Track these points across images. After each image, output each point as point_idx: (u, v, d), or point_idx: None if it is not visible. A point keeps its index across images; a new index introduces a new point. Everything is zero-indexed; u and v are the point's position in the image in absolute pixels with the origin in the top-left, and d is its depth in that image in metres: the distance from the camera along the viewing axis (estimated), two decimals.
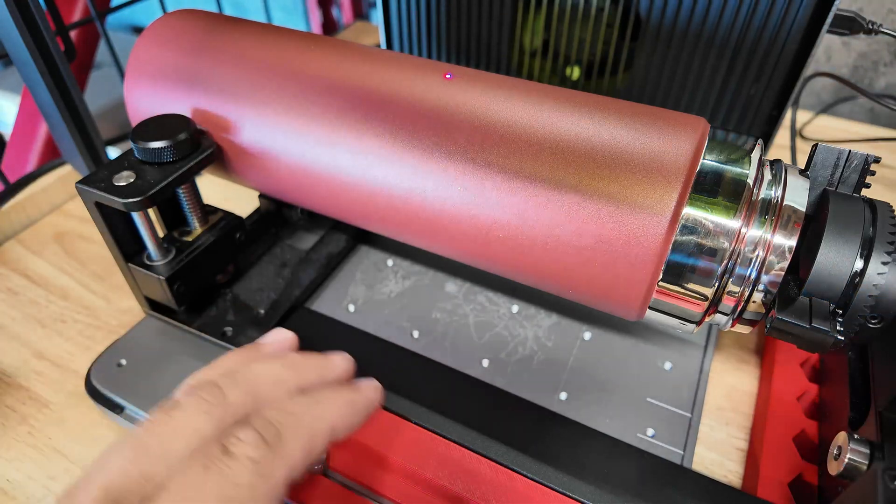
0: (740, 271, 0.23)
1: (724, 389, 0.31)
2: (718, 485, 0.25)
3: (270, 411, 0.21)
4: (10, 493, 0.28)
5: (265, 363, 0.24)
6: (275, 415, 0.21)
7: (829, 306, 0.22)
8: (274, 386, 0.23)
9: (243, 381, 0.22)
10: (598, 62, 0.38)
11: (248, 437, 0.19)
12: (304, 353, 0.26)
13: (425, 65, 0.29)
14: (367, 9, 0.77)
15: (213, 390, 0.21)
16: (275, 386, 0.23)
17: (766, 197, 0.23)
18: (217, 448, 0.19)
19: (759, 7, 0.32)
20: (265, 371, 0.23)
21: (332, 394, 0.23)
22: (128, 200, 0.26)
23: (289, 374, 0.23)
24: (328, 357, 0.26)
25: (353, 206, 0.29)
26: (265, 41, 0.31)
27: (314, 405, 0.22)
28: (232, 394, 0.21)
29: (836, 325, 0.21)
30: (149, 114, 0.31)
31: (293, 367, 0.24)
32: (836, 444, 0.22)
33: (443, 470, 0.25)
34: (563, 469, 0.25)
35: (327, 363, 0.25)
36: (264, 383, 0.22)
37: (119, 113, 0.56)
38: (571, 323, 0.33)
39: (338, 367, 0.26)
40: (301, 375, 0.24)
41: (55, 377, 0.32)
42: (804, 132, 0.52)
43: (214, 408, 0.20)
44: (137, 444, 0.19)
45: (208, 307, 0.33)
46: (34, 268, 0.39)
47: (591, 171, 0.24)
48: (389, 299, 0.34)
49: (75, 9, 0.58)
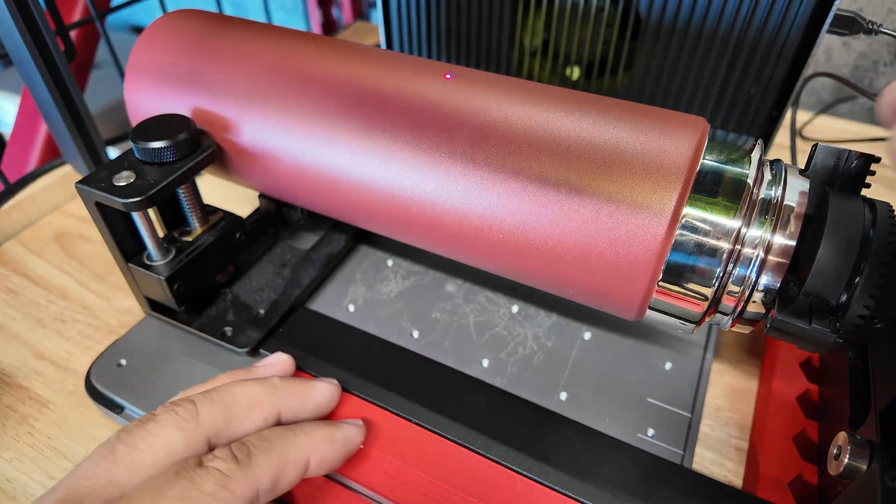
0: (740, 271, 0.23)
1: (724, 389, 0.31)
2: (718, 485, 0.25)
3: (253, 438, 0.22)
4: (9, 492, 0.28)
5: (245, 385, 0.24)
6: (251, 438, 0.21)
7: (829, 306, 0.22)
8: (249, 407, 0.23)
9: (218, 401, 0.23)
10: (598, 62, 0.38)
11: (221, 453, 0.20)
12: (289, 379, 0.26)
13: (425, 65, 0.29)
14: (367, 9, 0.77)
15: (188, 406, 0.22)
16: (249, 407, 0.23)
17: (766, 197, 0.23)
18: (193, 461, 0.20)
19: (758, 7, 0.32)
20: (242, 392, 0.24)
21: (311, 427, 0.23)
22: (128, 200, 0.26)
23: (266, 397, 0.24)
24: (311, 383, 0.26)
25: (353, 206, 0.29)
26: (265, 41, 0.31)
27: (291, 435, 0.22)
28: (205, 411, 0.22)
29: (836, 325, 0.21)
30: (149, 114, 0.31)
31: (272, 391, 0.24)
32: (836, 444, 0.22)
33: (442, 470, 0.25)
34: (563, 469, 0.25)
35: (308, 390, 0.26)
36: (239, 404, 0.23)
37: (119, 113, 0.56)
38: (571, 323, 0.33)
39: (319, 393, 0.26)
40: (280, 400, 0.24)
41: (55, 377, 0.32)
42: (804, 132, 0.52)
43: (186, 423, 0.21)
44: (107, 451, 0.20)
45: (208, 307, 0.33)
46: (34, 268, 0.39)
47: (590, 171, 0.24)
48: (389, 299, 0.34)
49: (75, 9, 0.58)
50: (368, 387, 0.29)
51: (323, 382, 0.27)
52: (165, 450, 0.20)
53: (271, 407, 0.24)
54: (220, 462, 0.20)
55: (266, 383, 0.24)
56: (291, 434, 0.22)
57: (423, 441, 0.26)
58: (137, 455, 0.20)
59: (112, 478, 0.19)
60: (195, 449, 0.21)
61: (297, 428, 0.23)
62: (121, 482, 0.19)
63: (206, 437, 0.21)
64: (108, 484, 0.19)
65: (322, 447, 0.23)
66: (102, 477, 0.19)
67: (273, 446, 0.21)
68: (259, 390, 0.24)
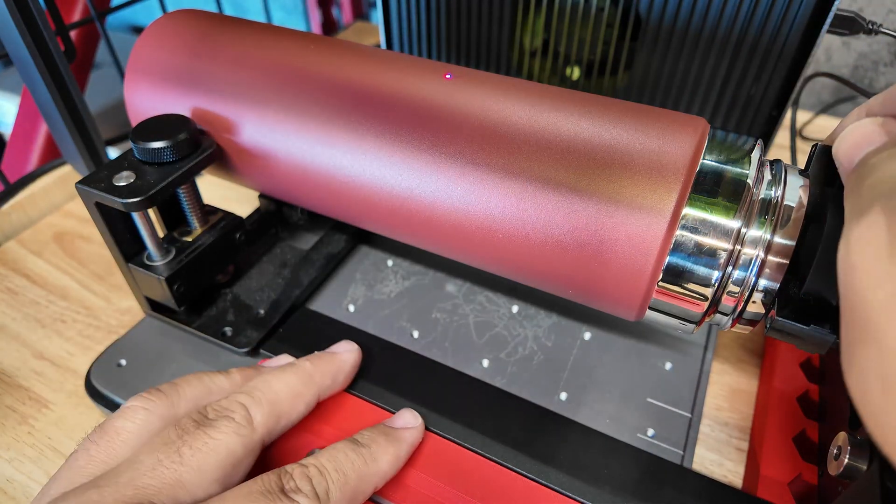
0: (740, 271, 0.23)
1: (724, 389, 0.31)
2: (718, 485, 0.25)
3: (328, 462, 0.22)
4: (9, 492, 0.28)
5: (283, 378, 0.25)
6: (330, 469, 0.22)
7: (829, 305, 0.22)
8: (293, 400, 0.24)
9: (266, 402, 0.23)
10: (598, 62, 0.38)
11: (303, 485, 0.20)
12: (317, 359, 0.27)
13: (425, 65, 0.29)
14: (367, 9, 0.77)
15: (242, 413, 0.22)
16: (293, 400, 0.24)
17: (766, 197, 0.23)
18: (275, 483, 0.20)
19: (759, 7, 0.32)
20: (285, 388, 0.24)
21: (381, 452, 0.24)
22: (128, 201, 0.26)
23: (305, 386, 0.25)
24: (336, 358, 0.27)
25: (353, 207, 0.29)
26: (265, 41, 0.31)
27: (364, 466, 0.23)
28: (258, 416, 0.23)
29: (836, 325, 0.21)
30: (149, 114, 0.31)
31: (309, 379, 0.25)
32: (836, 445, 0.22)
33: (442, 470, 0.25)
34: (563, 469, 0.25)
35: (338, 367, 0.27)
36: (284, 401, 0.24)
37: (119, 113, 0.56)
38: (571, 323, 0.33)
39: (348, 367, 0.27)
40: (316, 385, 0.25)
41: (55, 377, 0.32)
42: (804, 132, 0.52)
43: (243, 429, 0.22)
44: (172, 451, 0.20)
45: (208, 307, 0.33)
46: (34, 268, 0.39)
47: (590, 172, 0.24)
48: (389, 299, 0.34)
49: (75, 9, 0.58)
50: (368, 387, 0.29)
51: (345, 352, 0.28)
52: (227, 454, 0.21)
53: (311, 395, 0.25)
54: (304, 499, 0.20)
55: (301, 371, 0.25)
56: (364, 466, 0.23)
57: (423, 441, 0.26)
58: (203, 458, 0.20)
59: (181, 479, 0.20)
60: (252, 452, 0.22)
61: (369, 455, 0.23)
62: (189, 484, 0.20)
63: (261, 441, 0.23)
64: (176, 485, 0.19)
65: (390, 473, 0.24)
66: (170, 477, 0.20)
67: (348, 482, 0.22)
68: (297, 380, 0.25)
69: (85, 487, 0.19)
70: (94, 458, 0.21)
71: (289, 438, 0.26)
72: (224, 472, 0.21)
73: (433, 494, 0.25)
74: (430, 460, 0.26)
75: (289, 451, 0.26)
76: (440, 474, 0.25)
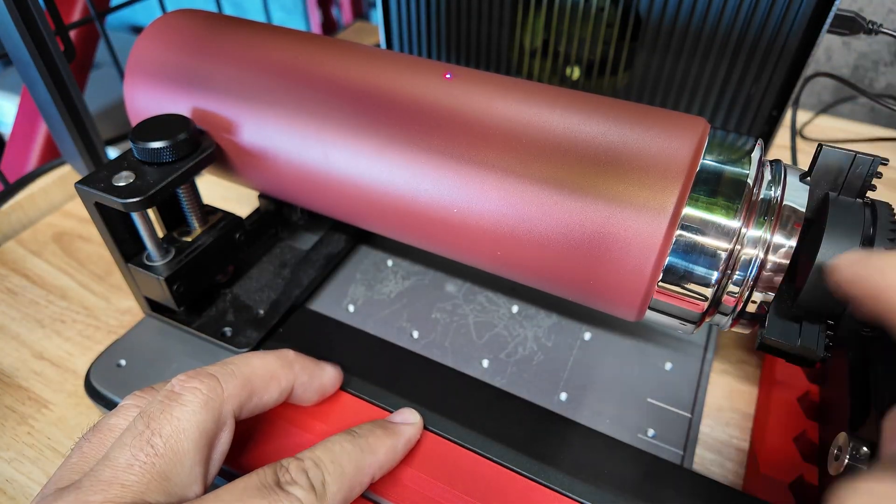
0: (740, 272, 0.23)
1: (724, 389, 0.31)
2: (718, 485, 0.25)
3: (323, 453, 0.22)
4: (9, 493, 0.28)
5: (263, 357, 0.24)
6: (324, 461, 0.22)
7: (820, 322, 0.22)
8: (268, 380, 0.24)
9: (239, 374, 0.23)
10: (598, 62, 0.38)
11: (298, 478, 0.20)
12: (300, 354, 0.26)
13: (425, 65, 0.29)
14: (367, 9, 0.77)
15: (211, 383, 0.22)
16: (268, 380, 0.24)
17: (766, 197, 0.23)
18: (271, 477, 0.20)
19: (759, 7, 0.32)
20: (262, 365, 0.24)
21: (377, 443, 0.24)
22: (127, 201, 0.26)
23: (283, 371, 0.25)
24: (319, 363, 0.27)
25: (353, 206, 0.29)
26: (265, 41, 0.31)
27: (360, 457, 0.23)
28: (228, 386, 0.22)
29: (825, 342, 0.21)
30: (148, 114, 0.31)
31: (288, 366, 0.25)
32: (837, 445, 0.22)
33: (441, 470, 0.25)
34: (563, 469, 0.25)
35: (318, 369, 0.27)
36: (259, 378, 0.23)
37: (119, 113, 0.56)
38: (571, 323, 0.33)
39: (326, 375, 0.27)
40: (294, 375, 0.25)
41: (55, 377, 0.32)
42: (804, 132, 0.52)
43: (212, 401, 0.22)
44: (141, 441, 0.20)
45: (208, 307, 0.33)
46: (33, 268, 0.39)
47: (590, 172, 0.24)
48: (389, 299, 0.34)
49: (75, 9, 0.58)
50: (368, 387, 0.29)
51: (329, 365, 0.28)
52: (199, 433, 0.20)
53: (287, 382, 0.25)
54: (300, 491, 0.20)
55: (282, 357, 0.25)
56: (360, 456, 0.23)
57: (422, 441, 0.26)
58: (176, 444, 0.20)
59: (163, 471, 0.19)
60: (223, 424, 0.22)
61: (366, 445, 0.23)
62: (172, 474, 0.19)
63: (231, 413, 0.22)
64: (161, 478, 0.19)
65: (386, 464, 0.24)
66: (151, 470, 0.19)
67: (344, 473, 0.22)
68: (276, 363, 0.24)
69: (68, 489, 0.19)
70: (86, 456, 0.21)
71: (287, 438, 0.26)
72: (201, 453, 0.20)
73: (432, 494, 0.25)
74: (429, 460, 0.26)
75: (287, 450, 0.26)
76: (440, 474, 0.25)
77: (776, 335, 0.22)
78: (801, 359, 0.22)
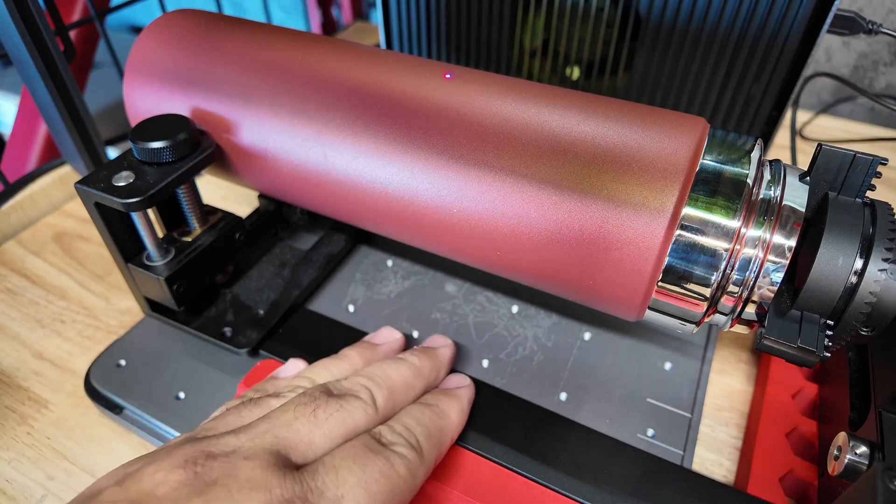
0: (740, 272, 0.22)
1: (724, 389, 0.31)
2: (718, 485, 0.25)
3: (408, 419, 0.24)
4: (9, 493, 0.28)
5: (398, 369, 0.26)
6: (412, 424, 0.24)
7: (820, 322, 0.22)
8: (406, 391, 0.25)
9: (386, 388, 0.24)
10: (598, 62, 0.38)
11: (397, 439, 0.22)
12: (422, 355, 0.27)
13: (425, 65, 0.29)
14: (367, 9, 0.77)
15: (367, 396, 0.24)
16: (406, 391, 0.25)
17: (766, 197, 0.23)
18: (372, 438, 0.22)
19: (759, 7, 0.32)
20: (400, 378, 0.25)
21: (448, 407, 0.26)
22: (127, 201, 0.26)
23: (416, 380, 0.26)
24: (438, 355, 0.28)
25: (352, 207, 0.29)
26: (264, 41, 0.31)
27: (439, 420, 0.25)
28: (380, 400, 0.24)
29: (824, 342, 0.22)
30: (148, 114, 0.31)
31: (418, 374, 0.26)
32: (836, 445, 0.22)
33: (441, 470, 0.25)
34: (563, 469, 0.25)
35: (441, 366, 0.28)
36: (400, 390, 0.25)
37: (119, 113, 0.56)
38: (571, 323, 0.33)
39: (445, 358, 0.28)
40: (423, 380, 0.27)
41: (54, 377, 0.32)
42: (804, 132, 0.52)
43: (370, 408, 0.23)
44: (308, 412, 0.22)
45: (208, 307, 0.33)
46: (33, 268, 0.39)
47: (590, 171, 0.24)
48: (389, 299, 0.34)
49: (75, 9, 0.58)
50: None
51: (443, 347, 0.29)
52: (353, 426, 0.22)
53: (420, 388, 0.26)
54: (404, 448, 0.22)
55: (411, 366, 0.26)
56: (439, 419, 0.25)
57: None
58: (334, 424, 0.22)
59: (312, 439, 0.21)
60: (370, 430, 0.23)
61: (439, 411, 0.25)
62: (317, 444, 0.21)
63: (379, 422, 0.24)
64: (308, 442, 0.21)
65: (461, 425, 0.26)
66: (305, 434, 0.21)
67: (430, 433, 0.24)
68: (409, 373, 0.26)
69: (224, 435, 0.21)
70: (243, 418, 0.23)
71: None
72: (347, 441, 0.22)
73: (432, 494, 0.25)
74: None
75: None
76: (439, 474, 0.25)
77: (775, 335, 0.22)
78: (801, 359, 0.22)
